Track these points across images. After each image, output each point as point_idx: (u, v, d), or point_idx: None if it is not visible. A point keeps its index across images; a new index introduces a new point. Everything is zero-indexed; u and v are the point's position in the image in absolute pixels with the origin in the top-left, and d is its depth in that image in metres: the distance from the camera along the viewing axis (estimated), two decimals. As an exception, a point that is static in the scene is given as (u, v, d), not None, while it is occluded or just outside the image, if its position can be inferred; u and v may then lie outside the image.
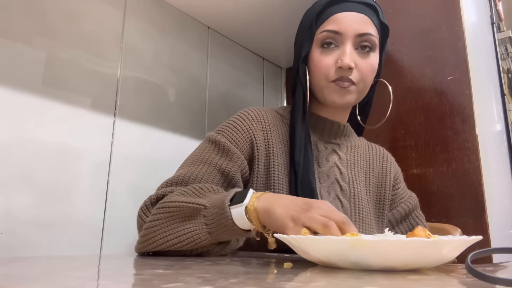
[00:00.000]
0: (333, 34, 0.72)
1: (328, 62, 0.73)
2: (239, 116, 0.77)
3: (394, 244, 0.36)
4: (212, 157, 0.69)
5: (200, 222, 0.56)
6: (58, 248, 0.87)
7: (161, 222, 0.58)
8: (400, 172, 0.91)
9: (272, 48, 1.59)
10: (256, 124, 0.75)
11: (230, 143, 0.71)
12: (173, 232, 0.57)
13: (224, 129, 0.74)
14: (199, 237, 0.55)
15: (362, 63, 0.73)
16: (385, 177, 0.86)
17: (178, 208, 0.57)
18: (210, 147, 0.71)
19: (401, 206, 0.85)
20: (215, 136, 0.72)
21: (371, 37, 0.73)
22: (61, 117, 0.92)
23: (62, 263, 0.47)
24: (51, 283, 0.30)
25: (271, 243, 0.54)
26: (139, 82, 1.13)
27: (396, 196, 0.86)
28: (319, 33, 0.74)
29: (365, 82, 0.74)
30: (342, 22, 0.72)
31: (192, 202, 0.56)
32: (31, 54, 0.89)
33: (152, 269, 0.38)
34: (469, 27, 1.14)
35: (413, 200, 0.87)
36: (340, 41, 0.73)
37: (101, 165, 0.99)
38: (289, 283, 0.31)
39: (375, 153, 0.88)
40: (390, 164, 0.89)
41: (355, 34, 0.72)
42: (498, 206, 1.09)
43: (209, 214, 0.55)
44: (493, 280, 0.26)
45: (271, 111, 0.81)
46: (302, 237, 0.41)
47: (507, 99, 1.39)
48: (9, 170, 0.81)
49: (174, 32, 1.27)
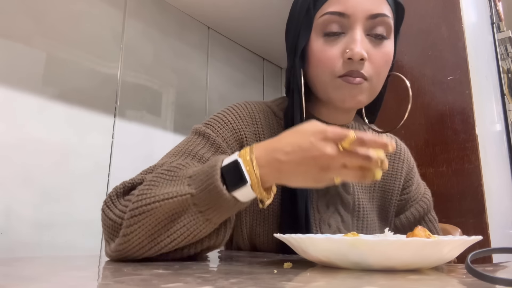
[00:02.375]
0: (338, 16, 0.58)
1: (333, 53, 0.58)
2: (230, 112, 0.67)
3: (394, 244, 0.36)
4: (198, 149, 0.60)
5: (193, 211, 0.47)
6: (58, 248, 0.87)
7: (143, 228, 0.46)
8: (413, 170, 0.78)
9: (272, 48, 1.59)
10: (248, 126, 0.66)
11: (216, 137, 0.62)
12: (162, 232, 0.47)
13: (213, 123, 0.65)
14: (197, 228, 0.47)
15: (376, 53, 0.59)
16: (394, 180, 0.74)
17: (160, 208, 0.46)
18: (196, 139, 0.63)
19: (410, 211, 0.74)
20: (204, 130, 0.63)
21: (386, 18, 0.58)
22: (61, 117, 0.92)
23: (62, 263, 0.47)
24: (51, 283, 0.30)
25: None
26: (139, 82, 1.13)
27: (407, 199, 0.75)
28: (319, 17, 0.59)
29: (379, 77, 0.60)
30: (349, 1, 0.57)
31: (174, 196, 0.46)
32: (31, 54, 0.89)
33: (152, 269, 0.38)
34: (469, 27, 1.14)
35: (426, 203, 0.75)
36: (348, 26, 0.58)
37: (101, 165, 0.99)
38: (289, 283, 0.31)
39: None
40: (403, 163, 0.76)
41: (366, 16, 0.57)
42: (498, 206, 1.09)
43: (200, 200, 0.46)
44: (493, 280, 0.26)
45: (264, 109, 0.70)
46: (302, 237, 0.41)
47: (507, 99, 1.39)
48: (10, 170, 0.81)
49: (174, 32, 1.27)
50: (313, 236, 0.42)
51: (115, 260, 0.48)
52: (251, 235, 0.66)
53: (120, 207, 0.50)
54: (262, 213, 0.65)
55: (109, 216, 0.49)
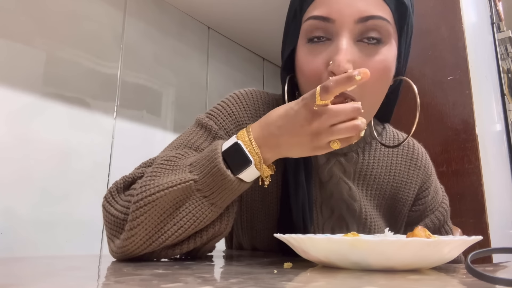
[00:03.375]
0: (322, 21, 0.50)
1: (316, 65, 0.51)
2: (234, 101, 0.65)
3: (394, 244, 0.36)
4: (199, 142, 0.59)
5: (197, 197, 0.47)
6: (58, 248, 0.87)
7: (149, 219, 0.46)
8: (431, 178, 0.70)
9: (272, 48, 1.59)
10: (251, 116, 0.64)
11: (219, 129, 0.61)
12: (168, 222, 0.47)
13: (216, 113, 0.63)
14: (202, 213, 0.47)
15: (368, 63, 0.50)
16: (407, 189, 0.67)
17: (164, 197, 0.46)
18: (198, 131, 0.61)
19: (425, 222, 0.69)
20: (206, 121, 0.62)
21: (380, 21, 0.49)
22: (61, 117, 0.92)
23: (62, 263, 0.47)
24: (51, 283, 0.30)
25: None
26: (139, 82, 1.13)
27: (422, 210, 0.69)
28: (304, 21, 0.53)
29: (373, 92, 0.51)
30: (335, 3, 0.50)
31: (177, 183, 0.46)
32: (31, 54, 0.89)
33: (152, 269, 0.38)
34: (469, 27, 1.14)
35: (442, 213, 0.70)
36: (334, 31, 0.50)
37: (101, 165, 0.99)
38: (289, 283, 0.31)
39: (401, 155, 0.68)
40: (419, 170, 0.68)
41: (354, 19, 0.49)
42: (498, 206, 1.09)
43: (204, 185, 0.47)
44: (493, 280, 0.26)
45: (268, 101, 0.67)
46: (302, 237, 0.41)
47: (507, 99, 1.39)
48: (10, 170, 0.81)
49: (174, 32, 1.27)
50: (313, 236, 0.42)
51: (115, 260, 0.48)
52: (251, 233, 0.66)
53: (122, 202, 0.49)
54: (262, 211, 0.65)
55: (110, 212, 0.48)
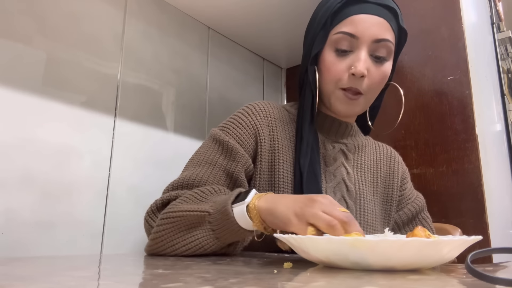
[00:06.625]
0: (349, 36, 0.68)
1: (341, 67, 0.69)
2: (245, 111, 0.75)
3: (394, 244, 0.36)
4: (217, 157, 0.69)
5: (207, 228, 0.57)
6: (58, 248, 0.87)
7: (167, 232, 0.59)
8: (407, 172, 0.89)
9: (272, 48, 1.59)
10: (262, 119, 0.74)
11: (234, 141, 0.70)
12: (180, 240, 0.58)
13: (228, 125, 0.73)
14: (207, 243, 0.57)
15: (375, 72, 0.70)
16: (392, 177, 0.85)
17: (182, 218, 0.58)
18: (214, 146, 0.70)
19: (407, 208, 0.84)
20: (220, 135, 0.71)
21: (389, 43, 0.69)
22: (61, 117, 0.92)
23: (62, 263, 0.47)
24: (51, 283, 0.30)
25: (283, 244, 0.54)
26: (139, 82, 1.13)
27: (403, 197, 0.85)
28: (333, 34, 0.70)
29: (374, 91, 0.73)
30: (360, 25, 0.68)
31: (196, 210, 0.57)
32: (31, 54, 0.89)
33: (152, 269, 0.38)
34: (469, 27, 1.14)
35: (420, 202, 0.86)
36: (356, 46, 0.69)
37: (101, 165, 0.99)
38: (289, 283, 0.31)
39: (383, 153, 0.87)
40: (398, 164, 0.87)
41: (372, 40, 0.68)
42: (498, 206, 1.09)
43: (214, 219, 0.56)
44: (493, 280, 0.26)
45: (278, 107, 0.79)
46: (302, 237, 0.41)
47: (507, 99, 1.39)
48: (9, 170, 0.81)
49: (174, 32, 1.27)
50: (313, 236, 0.42)
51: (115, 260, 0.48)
52: None
53: (155, 218, 0.63)
54: None
55: (149, 223, 0.63)
